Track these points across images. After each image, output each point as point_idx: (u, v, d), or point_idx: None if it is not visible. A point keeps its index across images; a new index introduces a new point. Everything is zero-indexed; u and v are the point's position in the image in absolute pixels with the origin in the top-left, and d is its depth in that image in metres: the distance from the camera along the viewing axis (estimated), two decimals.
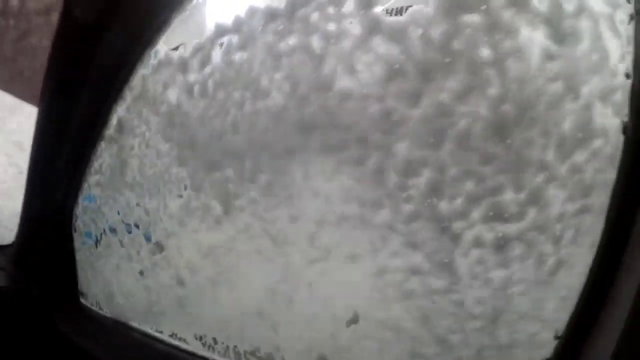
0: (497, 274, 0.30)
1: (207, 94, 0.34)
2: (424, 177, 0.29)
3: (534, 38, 0.29)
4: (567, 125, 0.29)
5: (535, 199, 0.29)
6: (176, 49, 0.36)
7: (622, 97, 0.30)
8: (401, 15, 0.29)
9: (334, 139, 0.30)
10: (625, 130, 0.31)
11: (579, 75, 0.29)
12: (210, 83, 0.34)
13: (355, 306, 0.32)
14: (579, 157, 0.30)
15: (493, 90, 0.28)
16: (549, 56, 0.29)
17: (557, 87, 0.29)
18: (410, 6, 0.29)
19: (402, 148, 0.29)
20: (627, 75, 0.30)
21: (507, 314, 0.31)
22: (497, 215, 0.29)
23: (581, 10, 0.30)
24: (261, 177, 0.32)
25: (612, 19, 0.30)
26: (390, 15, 0.29)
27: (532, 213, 0.29)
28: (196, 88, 0.35)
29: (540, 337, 0.31)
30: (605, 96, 0.30)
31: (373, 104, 0.29)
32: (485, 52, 0.28)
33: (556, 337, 0.32)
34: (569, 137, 0.29)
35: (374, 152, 0.29)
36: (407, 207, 0.29)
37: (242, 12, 0.32)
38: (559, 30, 0.29)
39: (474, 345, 0.31)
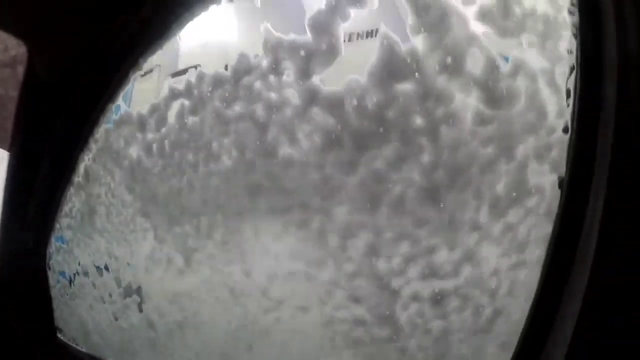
0: (436, 324, 0.34)
1: (164, 154, 0.38)
2: (363, 239, 0.33)
3: (467, 103, 0.32)
4: (501, 186, 0.32)
5: (469, 257, 0.33)
6: (134, 106, 0.40)
7: (559, 152, 0.33)
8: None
9: (279, 202, 0.34)
10: (561, 184, 0.34)
11: (514, 136, 0.32)
12: (166, 143, 0.38)
13: (308, 352, 0.37)
14: (514, 216, 0.33)
15: (426, 157, 0.32)
16: (482, 120, 0.32)
17: (491, 150, 0.32)
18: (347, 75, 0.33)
19: (341, 212, 0.33)
20: (565, 130, 0.33)
21: (449, 357, 0.35)
22: (433, 272, 0.33)
23: (518, 69, 0.32)
24: (217, 234, 0.36)
25: (551, 73, 0.33)
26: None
27: (466, 270, 0.33)
28: (154, 147, 0.39)
29: None
30: (541, 154, 0.33)
31: (313, 171, 0.33)
32: (418, 120, 0.32)
33: None
34: (503, 198, 0.33)
35: (316, 215, 0.33)
36: (349, 266, 0.34)
37: (192, 77, 0.36)
38: (494, 93, 0.32)
39: None
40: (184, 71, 0.36)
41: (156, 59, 0.39)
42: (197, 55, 0.37)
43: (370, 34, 0.32)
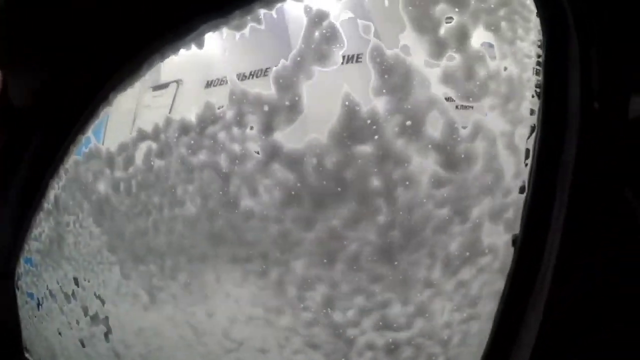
0: None
1: (131, 193, 0.40)
2: (319, 291, 0.36)
3: (424, 166, 0.34)
4: (455, 246, 0.35)
5: (422, 311, 0.36)
6: (107, 141, 0.43)
7: (514, 213, 0.36)
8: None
9: (239, 252, 0.36)
10: (514, 242, 0.37)
11: (469, 198, 0.35)
12: (133, 183, 0.40)
13: None
14: (466, 273, 0.35)
15: (382, 218, 0.34)
16: (438, 182, 0.34)
17: (445, 212, 0.34)
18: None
19: (299, 265, 0.35)
20: (522, 190, 0.36)
21: None
22: (387, 324, 0.36)
23: (478, 132, 0.34)
24: (180, 276, 0.39)
25: (511, 135, 0.35)
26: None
27: (419, 323, 0.36)
28: (122, 185, 0.41)
29: None
30: (496, 215, 0.35)
31: (273, 224, 0.36)
32: (375, 182, 0.34)
33: None
34: (455, 257, 0.35)
35: (275, 267, 0.36)
36: (306, 315, 0.37)
37: (160, 121, 0.39)
38: (452, 156, 0.34)
39: None
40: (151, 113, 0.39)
41: (129, 94, 0.42)
42: (167, 97, 0.40)
43: (332, 92, 0.34)
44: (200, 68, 0.38)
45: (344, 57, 0.34)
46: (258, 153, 0.35)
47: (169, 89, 0.39)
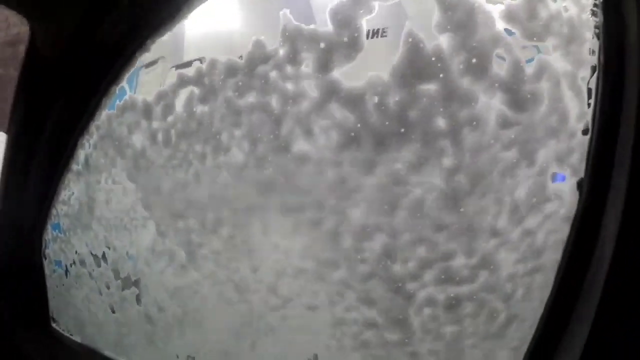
0: (450, 329, 0.33)
1: (170, 143, 0.35)
2: (378, 242, 0.31)
3: (491, 105, 0.30)
4: (521, 191, 0.31)
5: (486, 263, 0.31)
6: (140, 92, 0.37)
7: (579, 156, 0.31)
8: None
9: (291, 200, 0.31)
10: (580, 186, 0.33)
11: (536, 140, 0.30)
12: (172, 132, 0.35)
13: (314, 352, 0.35)
14: (532, 221, 0.31)
15: (447, 161, 0.30)
16: (505, 123, 0.30)
17: (512, 154, 0.30)
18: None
19: (357, 213, 0.30)
20: (585, 132, 0.32)
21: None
22: (449, 277, 0.31)
23: (542, 72, 0.30)
24: (223, 230, 0.34)
25: (574, 76, 0.31)
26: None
27: (483, 276, 0.31)
28: (160, 136, 0.36)
29: None
30: (561, 158, 0.31)
31: (329, 169, 0.31)
32: (440, 122, 0.30)
33: None
34: (522, 204, 0.31)
35: (330, 215, 0.31)
36: (362, 268, 0.32)
37: (203, 64, 0.34)
38: (518, 96, 0.30)
39: None
40: (190, 62, 0.34)
41: (165, 41, 0.36)
42: (209, 40, 0.34)
43: (394, 29, 0.29)
44: (247, 5, 0.32)
45: None
46: (314, 92, 0.29)
47: (212, 31, 0.34)
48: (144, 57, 0.36)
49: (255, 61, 0.31)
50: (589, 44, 0.31)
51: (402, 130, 0.29)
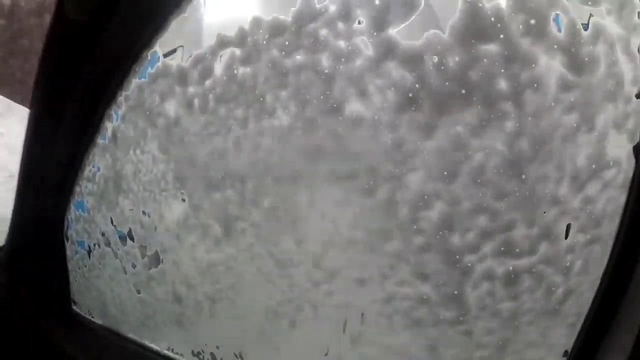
0: (506, 306, 0.28)
1: (207, 109, 0.31)
2: (436, 211, 0.26)
3: (551, 67, 0.26)
4: (581, 158, 0.27)
5: (547, 233, 0.27)
6: (174, 57, 0.33)
7: (635, 122, 0.28)
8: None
9: (343, 166, 0.27)
10: (636, 151, 0.29)
11: (595, 104, 0.27)
12: (211, 97, 0.31)
13: (361, 330, 0.30)
14: (592, 189, 0.28)
15: (509, 124, 0.26)
16: (565, 86, 0.26)
17: (573, 118, 0.27)
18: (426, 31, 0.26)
19: (414, 180, 0.26)
20: (638, 95, 0.28)
21: (514, 342, 0.30)
22: (509, 249, 0.27)
23: (598, 35, 0.27)
24: (264, 201, 0.29)
25: (627, 40, 0.28)
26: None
27: (543, 247, 0.27)
28: (196, 102, 0.31)
29: None
30: (619, 123, 0.28)
31: (385, 132, 0.26)
32: (502, 84, 0.26)
33: (564, 355, 0.30)
34: (582, 170, 0.27)
35: (385, 182, 0.27)
36: (418, 239, 0.27)
37: (245, 24, 0.29)
38: (577, 58, 0.26)
39: None
40: (231, 21, 0.29)
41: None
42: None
43: None
44: None
45: None
46: (368, 50, 0.25)
47: None
48: (181, 17, 0.31)
49: (303, 19, 0.27)
50: None
51: (463, 91, 0.25)
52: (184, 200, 0.33)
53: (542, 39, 0.26)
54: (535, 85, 0.26)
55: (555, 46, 0.26)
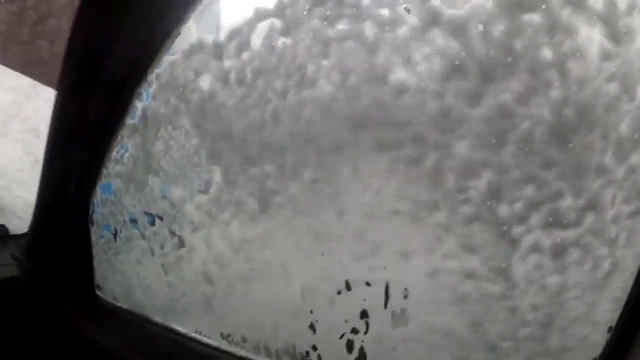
0: (553, 280, 0.27)
1: (244, 82, 0.30)
2: (484, 179, 0.25)
3: (592, 37, 0.25)
4: (624, 126, 0.26)
5: (593, 203, 0.26)
6: (209, 31, 0.31)
7: None
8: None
9: (387, 136, 0.26)
10: None
11: (634, 75, 0.26)
12: (248, 70, 0.29)
13: (403, 307, 0.29)
14: (635, 158, 0.27)
15: (555, 93, 0.25)
16: (606, 56, 0.25)
17: (614, 87, 0.26)
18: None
19: (461, 148, 0.25)
20: None
21: (560, 319, 0.28)
22: (556, 220, 0.26)
23: (633, 7, 0.26)
24: (305, 173, 0.28)
25: None
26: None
27: (589, 218, 0.26)
28: (232, 75, 0.30)
29: (590, 340, 0.29)
30: None
31: (431, 100, 0.25)
32: (546, 53, 0.25)
33: (609, 331, 0.29)
34: (626, 139, 0.26)
35: (432, 151, 0.25)
36: (465, 209, 0.26)
37: None
38: (615, 28, 0.26)
39: (524, 352, 0.28)
40: None
41: None
42: None
43: None
44: None
45: None
46: (414, 18, 0.24)
47: None
48: None
49: None
50: None
51: (509, 59, 0.24)
52: (217, 176, 0.32)
53: (582, 9, 0.25)
54: (578, 54, 0.25)
55: (595, 17, 0.25)
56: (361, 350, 0.30)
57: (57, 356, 0.44)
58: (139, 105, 0.36)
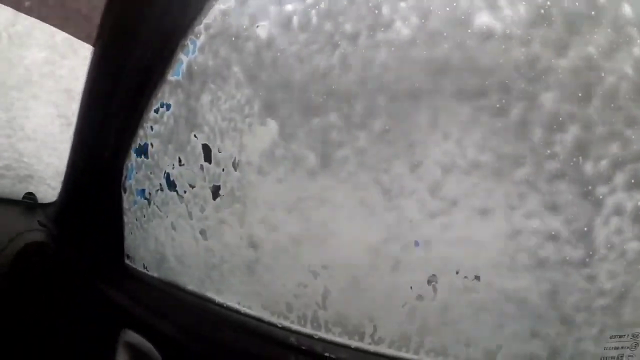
0: (632, 246, 0.25)
1: (309, 27, 0.27)
2: (570, 134, 0.23)
3: None
4: None
5: None
6: None
7: None
8: None
9: (471, 83, 0.24)
10: None
11: None
12: (313, 13, 0.27)
13: (477, 271, 0.26)
14: None
15: (637, 50, 0.23)
16: None
17: None
18: None
19: (548, 99, 0.23)
20: None
21: (636, 289, 0.26)
22: (638, 182, 0.24)
23: None
24: (375, 123, 0.26)
25: None
26: None
27: None
28: (295, 20, 0.28)
29: None
30: None
31: (517, 47, 0.23)
32: (627, 9, 0.23)
33: None
34: None
35: (517, 101, 0.24)
36: (551, 165, 0.24)
37: None
38: None
39: (597, 325, 0.26)
40: None
41: None
42: None
43: None
44: None
45: None
46: None
47: None
48: None
49: None
50: None
51: (593, 12, 0.22)
52: (273, 129, 0.29)
53: None
54: None
55: None
56: (424, 320, 0.28)
57: (85, 323, 0.41)
58: (183, 58, 0.34)
